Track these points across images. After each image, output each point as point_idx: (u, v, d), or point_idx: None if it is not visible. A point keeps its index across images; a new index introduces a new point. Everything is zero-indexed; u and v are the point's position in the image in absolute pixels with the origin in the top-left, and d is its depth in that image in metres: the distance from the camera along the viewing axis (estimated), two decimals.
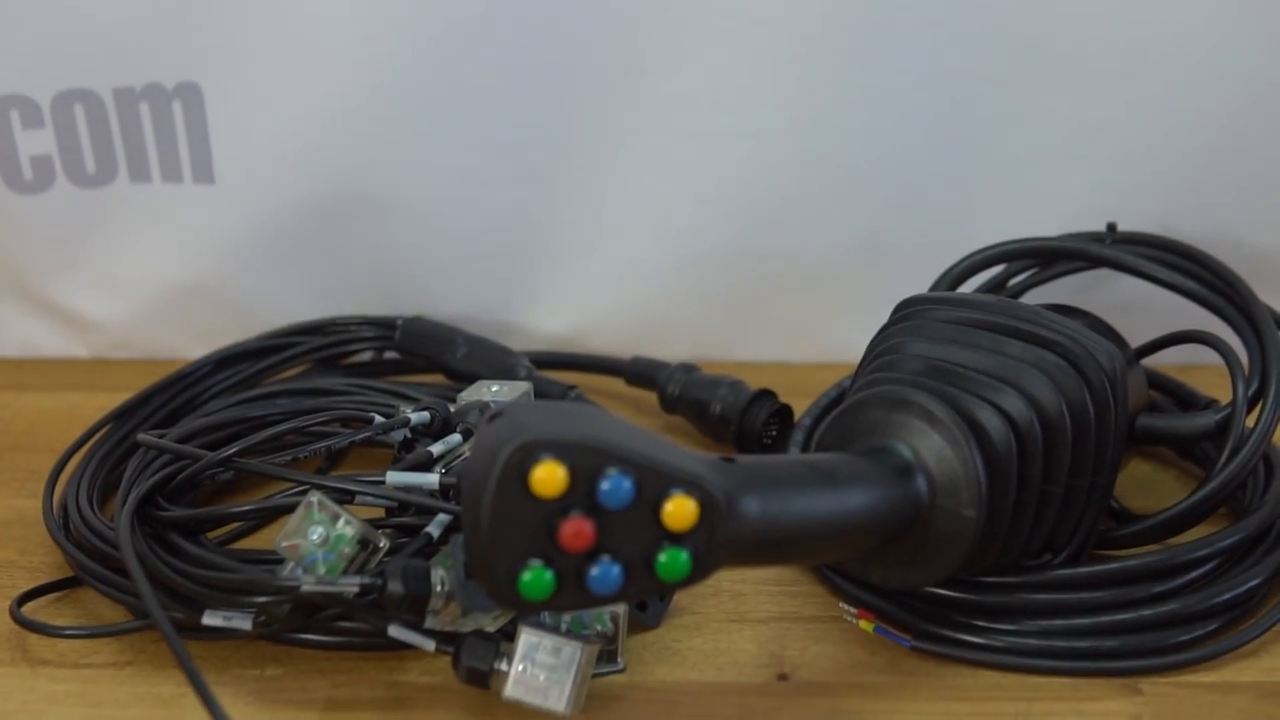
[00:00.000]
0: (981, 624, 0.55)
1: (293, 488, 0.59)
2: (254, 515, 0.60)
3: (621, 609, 0.54)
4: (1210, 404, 0.66)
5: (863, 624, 0.57)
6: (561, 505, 0.45)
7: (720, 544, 0.46)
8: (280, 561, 0.55)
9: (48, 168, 0.78)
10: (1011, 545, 0.55)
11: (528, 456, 0.44)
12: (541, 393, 0.71)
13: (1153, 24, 0.73)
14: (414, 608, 0.51)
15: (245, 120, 0.77)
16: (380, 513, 0.58)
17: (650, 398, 0.76)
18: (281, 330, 0.79)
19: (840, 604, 0.59)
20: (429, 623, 0.52)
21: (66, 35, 0.74)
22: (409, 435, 0.63)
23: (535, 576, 0.45)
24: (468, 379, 0.73)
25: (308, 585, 0.51)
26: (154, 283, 0.81)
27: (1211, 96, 0.73)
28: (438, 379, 0.78)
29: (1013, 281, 0.72)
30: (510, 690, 0.50)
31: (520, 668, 0.50)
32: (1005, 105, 0.75)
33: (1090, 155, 0.75)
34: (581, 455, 0.44)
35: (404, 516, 0.57)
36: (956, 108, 0.75)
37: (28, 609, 0.58)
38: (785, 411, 0.71)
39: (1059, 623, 0.55)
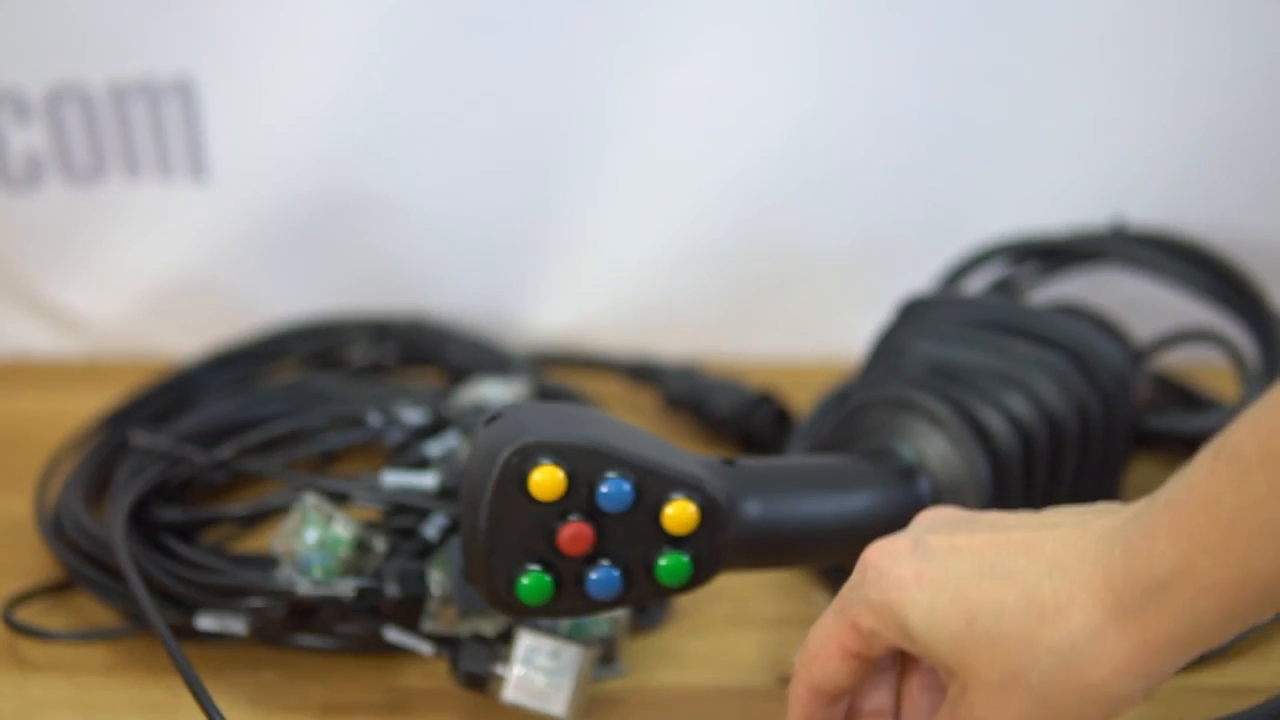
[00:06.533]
0: None
1: (288, 489, 0.59)
2: (249, 517, 0.59)
3: (621, 611, 0.54)
4: (1217, 404, 0.66)
5: None
6: (560, 509, 0.44)
7: (721, 548, 0.46)
8: (276, 564, 0.54)
9: (39, 164, 0.77)
10: None
11: (526, 459, 0.43)
12: (540, 392, 0.71)
13: (1158, 16, 0.72)
14: (410, 611, 0.51)
15: (241, 116, 0.76)
16: (377, 514, 0.57)
17: (650, 398, 0.76)
18: (277, 329, 0.79)
19: (813, 595, 0.58)
20: (426, 626, 0.52)
21: (58, 29, 0.74)
22: (405, 436, 0.62)
23: (534, 581, 0.44)
24: (465, 378, 0.72)
25: (303, 588, 0.51)
26: (148, 280, 0.80)
27: (1219, 90, 0.73)
28: (436, 379, 0.77)
29: (1017, 278, 0.71)
30: (509, 694, 0.50)
31: (519, 671, 0.50)
32: (1010, 99, 0.74)
33: (1096, 149, 0.75)
34: (580, 458, 0.44)
35: (401, 518, 0.56)
36: (960, 102, 0.74)
37: (19, 613, 0.57)
38: (785, 415, 0.71)
39: None
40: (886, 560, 0.40)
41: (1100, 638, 0.36)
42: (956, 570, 0.38)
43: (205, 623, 0.53)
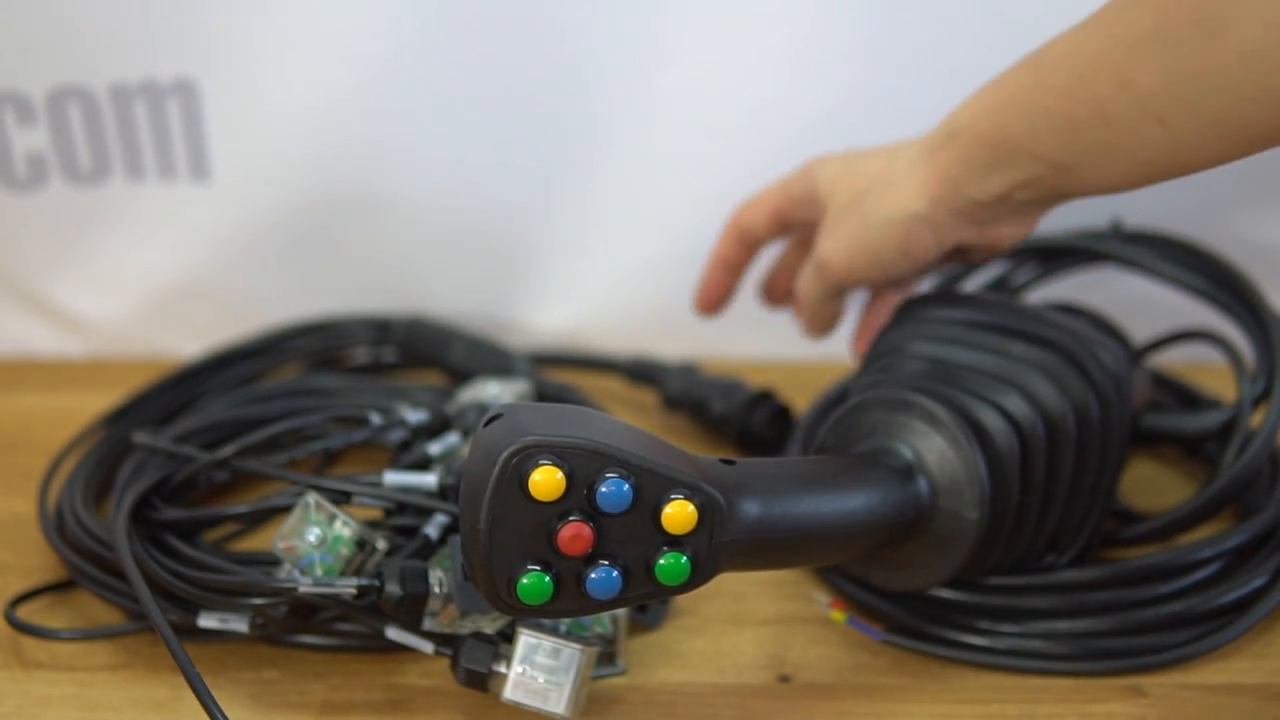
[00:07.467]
0: (985, 625, 0.55)
1: (290, 488, 0.59)
2: (250, 516, 0.59)
3: (621, 610, 0.54)
4: (1215, 403, 0.66)
5: (834, 614, 0.57)
6: (560, 509, 0.44)
7: (720, 547, 0.46)
8: (277, 563, 0.54)
9: (42, 165, 0.78)
10: (1015, 546, 0.54)
11: (526, 459, 0.44)
12: (540, 392, 0.71)
13: None
14: (412, 609, 0.51)
15: (242, 116, 0.76)
16: (378, 514, 0.57)
17: (650, 398, 0.76)
18: (278, 329, 0.79)
19: (814, 594, 0.58)
20: (427, 624, 0.52)
21: (61, 31, 0.74)
22: (407, 435, 0.63)
23: (534, 581, 0.45)
24: (466, 378, 0.72)
25: (305, 587, 0.51)
26: (149, 281, 0.81)
27: None
28: (436, 378, 0.78)
29: (1015, 279, 0.71)
30: (509, 693, 0.50)
31: (519, 670, 0.50)
32: None
33: None
34: (580, 458, 0.44)
35: (402, 517, 0.57)
36: (958, 102, 0.74)
37: (22, 611, 0.57)
38: (785, 412, 0.71)
39: (1063, 624, 0.54)
40: (818, 158, 0.61)
41: (913, 168, 0.54)
42: (857, 155, 0.59)
43: (207, 621, 0.53)
